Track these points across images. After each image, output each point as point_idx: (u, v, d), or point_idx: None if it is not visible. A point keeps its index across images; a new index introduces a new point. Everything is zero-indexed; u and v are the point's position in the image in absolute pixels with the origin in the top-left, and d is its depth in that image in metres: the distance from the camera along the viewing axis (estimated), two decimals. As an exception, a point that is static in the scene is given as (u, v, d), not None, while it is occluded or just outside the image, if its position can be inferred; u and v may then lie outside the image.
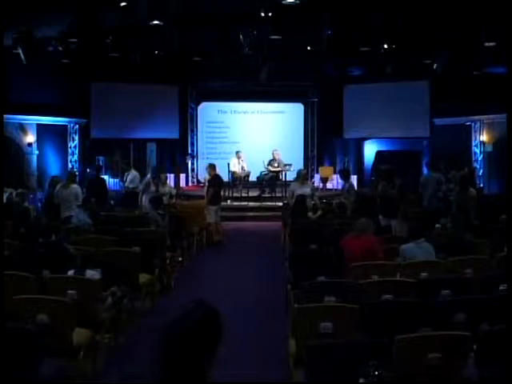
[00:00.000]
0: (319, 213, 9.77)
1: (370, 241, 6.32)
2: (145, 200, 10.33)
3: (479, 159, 15.97)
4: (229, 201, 14.86)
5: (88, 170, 15.67)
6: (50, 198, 10.11)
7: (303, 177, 10.60)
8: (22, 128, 15.14)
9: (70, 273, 5.38)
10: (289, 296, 6.23)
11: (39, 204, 11.82)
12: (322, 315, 4.28)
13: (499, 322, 3.91)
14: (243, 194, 15.31)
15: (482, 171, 15.86)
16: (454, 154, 15.13)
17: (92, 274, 5.35)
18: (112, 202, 12.29)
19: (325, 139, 17.69)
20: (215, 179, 11.35)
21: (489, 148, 15.70)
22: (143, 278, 6.79)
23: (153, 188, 10.63)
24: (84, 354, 4.67)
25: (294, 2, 9.81)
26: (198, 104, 17.86)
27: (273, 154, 15.47)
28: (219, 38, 13.47)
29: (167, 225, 8.90)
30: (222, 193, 12.30)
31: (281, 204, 13.41)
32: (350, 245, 6.25)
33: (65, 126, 16.31)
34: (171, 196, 12.10)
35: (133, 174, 13.35)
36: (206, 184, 11.80)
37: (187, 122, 17.71)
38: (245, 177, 15.43)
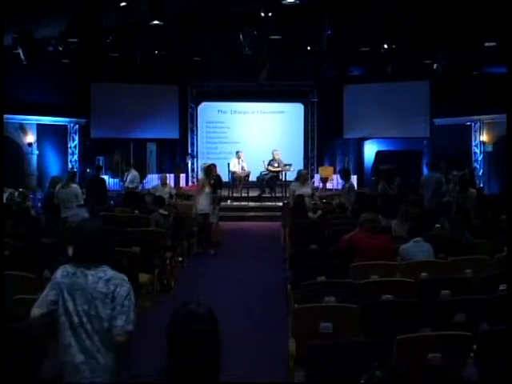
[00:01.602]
0: (319, 213, 9.77)
1: (387, 240, 6.26)
2: (202, 202, 10.16)
3: (479, 159, 15.98)
4: (229, 201, 14.86)
5: (88, 170, 15.68)
6: (50, 198, 10.11)
7: (304, 177, 10.59)
8: (22, 128, 15.15)
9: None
10: (289, 296, 6.22)
11: (39, 204, 11.83)
12: (322, 315, 4.28)
13: (499, 322, 3.91)
14: (243, 194, 15.31)
15: (481, 171, 15.86)
16: (454, 154, 15.13)
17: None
18: (112, 201, 12.30)
19: (325, 139, 17.69)
20: (219, 179, 11.47)
21: (489, 148, 15.71)
22: (143, 277, 6.79)
23: (207, 190, 10.22)
24: (84, 354, 4.66)
25: (294, 2, 9.82)
26: (198, 104, 17.87)
27: (273, 153, 15.47)
28: (219, 37, 13.50)
29: (171, 225, 8.90)
30: (221, 193, 12.32)
31: (281, 204, 13.41)
32: (367, 242, 6.08)
33: (65, 126, 16.32)
34: (171, 196, 12.12)
35: (133, 174, 13.36)
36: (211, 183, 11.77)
37: (187, 122, 17.71)
38: (245, 177, 15.43)
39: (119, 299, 3.15)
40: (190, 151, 17.73)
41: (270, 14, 11.65)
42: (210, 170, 10.70)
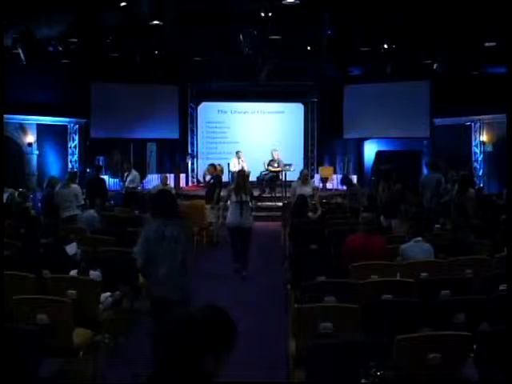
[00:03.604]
0: (319, 213, 9.77)
1: (380, 240, 6.26)
2: (231, 212, 8.85)
3: (479, 159, 15.97)
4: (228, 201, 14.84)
5: (88, 170, 15.68)
6: (49, 198, 10.10)
7: (305, 177, 10.60)
8: (22, 128, 15.15)
9: (73, 273, 5.39)
10: (289, 296, 6.22)
11: (39, 204, 11.82)
12: (322, 315, 4.27)
13: (499, 322, 3.91)
14: (243, 194, 15.28)
15: (481, 171, 15.86)
16: (454, 153, 15.13)
17: (96, 275, 5.37)
18: (112, 201, 12.29)
19: (325, 139, 17.69)
20: (219, 179, 11.51)
21: (489, 148, 15.70)
22: (143, 278, 6.77)
23: (234, 198, 8.79)
24: (84, 354, 4.66)
25: (294, 2, 9.82)
26: (197, 104, 17.87)
27: (272, 153, 15.48)
28: (219, 38, 13.49)
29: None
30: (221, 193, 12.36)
31: (281, 204, 13.41)
32: (361, 243, 6.09)
33: (65, 126, 16.32)
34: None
35: (133, 174, 13.37)
36: (210, 182, 11.79)
37: (187, 122, 17.73)
38: (245, 177, 15.42)
39: (185, 240, 4.88)
40: (190, 151, 17.73)
41: (270, 14, 11.65)
42: (242, 176, 9.23)
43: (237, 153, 15.53)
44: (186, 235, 4.95)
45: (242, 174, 9.32)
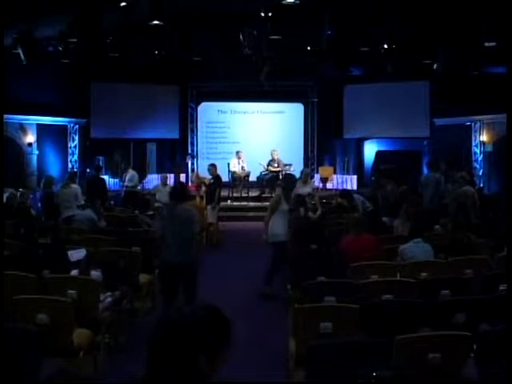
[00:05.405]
0: (319, 213, 9.77)
1: (371, 240, 6.29)
2: (278, 224, 7.48)
3: (479, 159, 15.97)
4: (229, 201, 14.86)
5: (88, 170, 15.68)
6: (49, 198, 10.09)
7: (305, 177, 10.58)
8: (22, 128, 15.14)
9: (74, 272, 5.38)
10: (289, 296, 6.23)
11: (39, 204, 11.82)
12: (322, 315, 4.28)
13: (499, 322, 3.91)
14: (243, 194, 15.30)
15: (481, 171, 15.86)
16: (454, 154, 15.12)
17: (97, 275, 5.37)
18: (112, 202, 12.30)
19: (325, 139, 17.68)
20: (219, 179, 11.52)
21: (489, 148, 15.70)
22: (143, 278, 6.79)
23: (285, 206, 7.49)
24: (84, 354, 4.67)
25: (294, 2, 9.81)
26: (198, 104, 17.86)
27: (271, 153, 15.47)
28: (219, 38, 13.49)
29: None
30: (222, 193, 12.36)
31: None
32: (352, 246, 6.16)
33: (65, 126, 16.31)
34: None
35: (131, 173, 13.45)
36: (210, 182, 11.80)
37: (187, 122, 17.71)
38: (245, 177, 15.43)
39: (194, 220, 6.07)
40: (189, 151, 17.72)
41: (270, 14, 11.66)
42: (292, 180, 8.19)
43: (237, 153, 15.54)
44: (192, 215, 6.08)
45: (290, 177, 8.44)
